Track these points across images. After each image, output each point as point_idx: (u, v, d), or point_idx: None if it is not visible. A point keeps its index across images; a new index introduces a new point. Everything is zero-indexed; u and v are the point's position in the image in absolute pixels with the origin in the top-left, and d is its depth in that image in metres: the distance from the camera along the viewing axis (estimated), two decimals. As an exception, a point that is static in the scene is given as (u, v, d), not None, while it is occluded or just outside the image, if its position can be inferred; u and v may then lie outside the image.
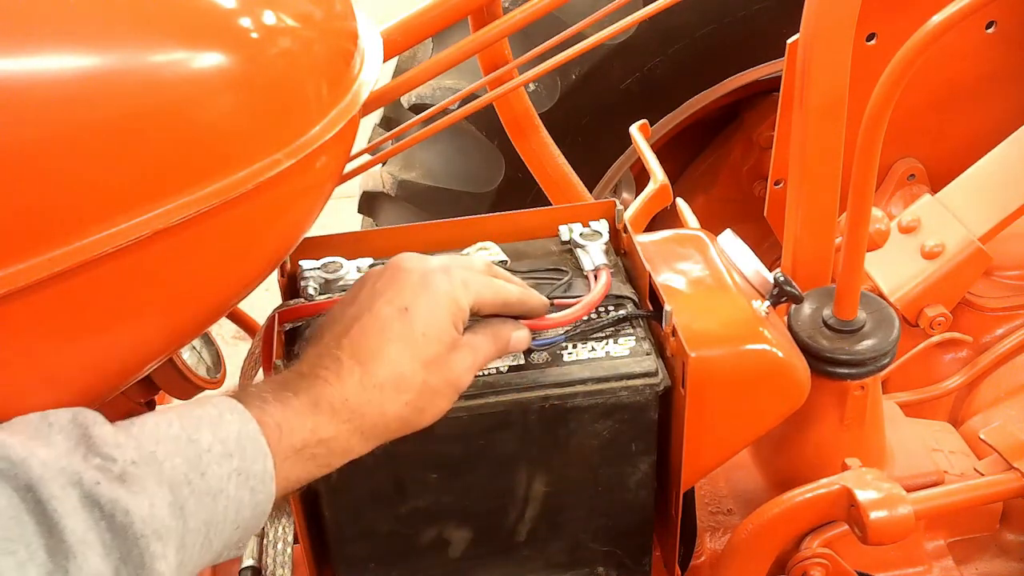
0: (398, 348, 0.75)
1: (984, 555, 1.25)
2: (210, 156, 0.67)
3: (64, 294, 0.62)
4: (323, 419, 0.72)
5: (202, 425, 0.66)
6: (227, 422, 0.67)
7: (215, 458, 0.65)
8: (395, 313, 0.76)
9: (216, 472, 0.64)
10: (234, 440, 0.66)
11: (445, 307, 0.77)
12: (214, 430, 0.66)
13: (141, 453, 0.62)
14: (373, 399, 0.74)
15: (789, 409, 0.99)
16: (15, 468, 0.57)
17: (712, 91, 1.89)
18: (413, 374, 0.75)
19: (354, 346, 0.75)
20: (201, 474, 0.64)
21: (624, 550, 0.98)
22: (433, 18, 1.16)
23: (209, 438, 0.65)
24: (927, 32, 0.87)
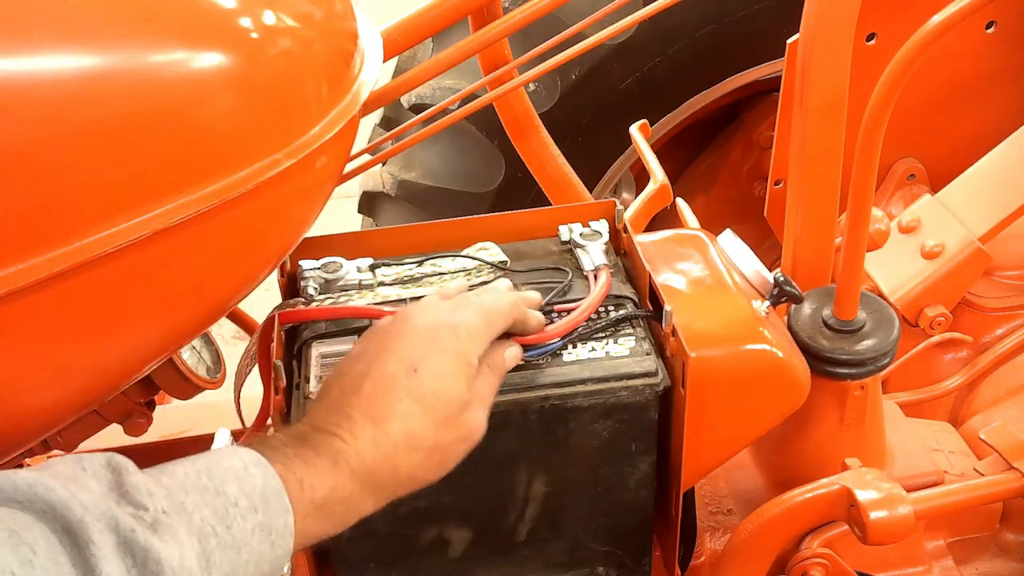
0: (408, 407, 0.75)
1: (984, 555, 1.25)
2: (210, 156, 0.67)
3: (64, 294, 0.62)
4: (342, 477, 0.72)
5: (228, 478, 0.67)
6: (252, 475, 0.67)
7: (241, 512, 0.66)
8: (404, 371, 0.76)
9: (241, 526, 0.65)
10: (259, 494, 0.67)
11: (454, 365, 0.78)
12: (240, 483, 0.67)
13: (172, 503, 0.63)
14: (386, 458, 0.74)
15: (789, 409, 0.99)
16: (56, 510, 0.58)
17: (712, 91, 1.89)
18: (424, 433, 0.76)
19: (365, 404, 0.75)
20: (227, 527, 0.65)
21: (624, 550, 0.98)
22: (433, 18, 1.16)
23: (235, 491, 0.66)
24: (927, 32, 0.87)
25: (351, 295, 0.94)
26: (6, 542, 0.55)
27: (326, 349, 0.90)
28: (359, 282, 0.96)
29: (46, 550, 0.56)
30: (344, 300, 0.93)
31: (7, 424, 0.68)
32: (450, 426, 0.77)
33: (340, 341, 0.90)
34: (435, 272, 0.97)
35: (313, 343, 0.90)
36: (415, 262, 0.99)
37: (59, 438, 1.15)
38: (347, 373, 0.78)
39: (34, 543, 0.56)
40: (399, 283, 0.96)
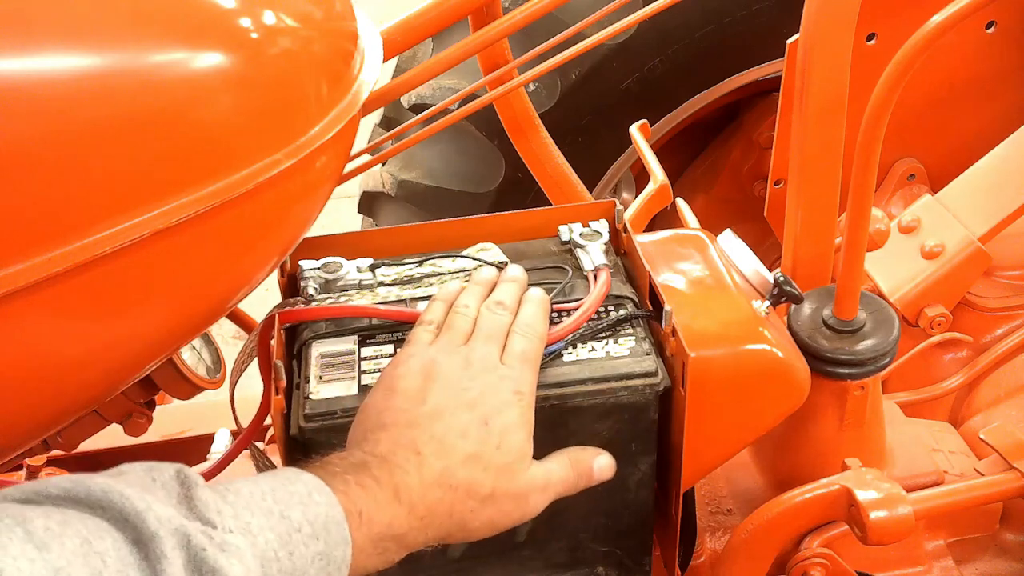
0: (475, 454, 0.76)
1: (984, 555, 1.25)
2: (210, 156, 0.67)
3: (64, 294, 0.62)
4: (401, 513, 0.72)
5: (293, 503, 0.66)
6: (315, 503, 0.67)
7: (303, 539, 0.65)
8: (476, 422, 0.77)
9: (303, 553, 0.65)
10: (322, 523, 0.66)
11: (521, 427, 0.79)
12: (304, 510, 0.66)
13: (238, 523, 0.63)
14: (445, 498, 0.75)
15: (789, 409, 0.99)
16: (130, 521, 0.57)
17: (712, 91, 1.89)
18: (484, 481, 0.76)
19: (435, 441, 0.75)
20: (290, 553, 0.64)
21: (624, 550, 0.98)
22: (433, 18, 1.16)
23: (299, 517, 0.66)
24: (927, 32, 0.87)
25: (351, 295, 0.94)
26: (78, 551, 0.54)
27: (326, 349, 0.90)
28: (359, 282, 0.96)
29: (116, 562, 0.55)
30: (344, 300, 0.93)
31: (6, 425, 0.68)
32: (510, 481, 0.77)
33: (340, 341, 0.90)
34: (435, 272, 0.97)
35: (313, 343, 0.90)
36: (415, 262, 0.99)
37: (59, 438, 1.16)
38: (407, 396, 0.78)
39: (105, 553, 0.55)
40: (399, 283, 0.96)
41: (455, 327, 0.83)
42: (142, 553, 0.57)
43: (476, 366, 0.80)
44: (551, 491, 0.81)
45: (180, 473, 0.64)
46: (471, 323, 0.84)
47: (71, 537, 0.55)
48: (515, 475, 0.78)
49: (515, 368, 0.81)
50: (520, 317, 0.85)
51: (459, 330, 0.83)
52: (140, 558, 0.57)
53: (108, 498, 0.58)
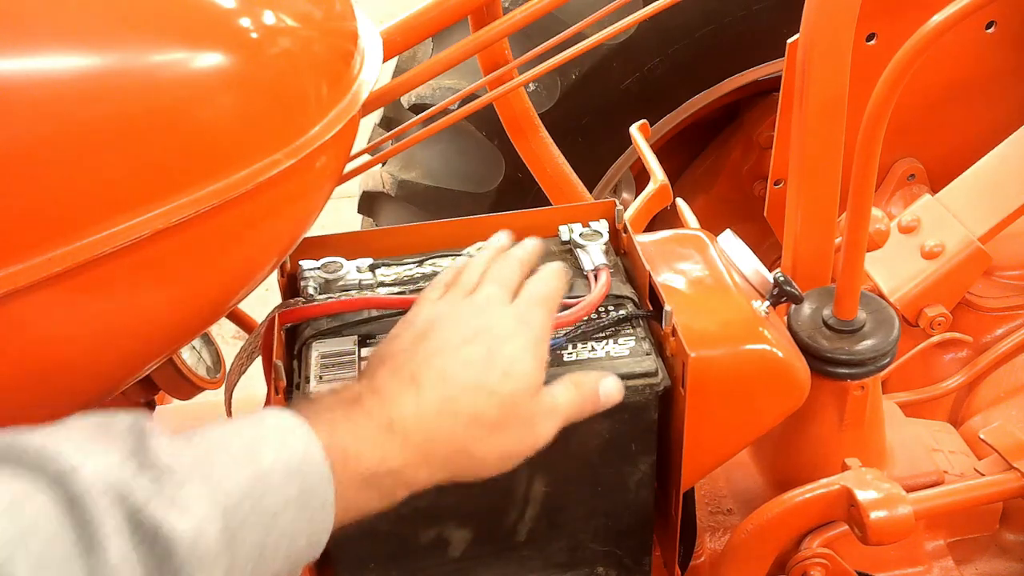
0: (479, 378, 0.72)
1: (984, 555, 1.25)
2: (210, 156, 0.67)
3: (63, 294, 0.62)
4: (395, 446, 0.68)
5: (266, 444, 0.62)
6: (291, 443, 0.63)
7: (275, 482, 0.61)
8: (480, 352, 0.74)
9: (274, 498, 0.61)
10: (297, 464, 0.62)
11: (528, 353, 0.75)
12: (277, 451, 0.62)
13: (198, 471, 0.58)
14: (446, 427, 0.71)
15: (789, 409, 0.99)
16: (62, 480, 0.53)
17: (712, 91, 1.89)
18: (489, 407, 0.72)
19: (433, 371, 0.72)
20: (258, 499, 0.60)
21: (624, 550, 0.98)
22: (433, 18, 1.16)
23: (271, 459, 0.61)
24: (927, 32, 0.87)
25: (351, 295, 0.94)
26: (5, 512, 0.51)
27: (326, 349, 0.90)
28: (359, 282, 0.96)
29: (48, 523, 0.52)
30: (344, 300, 0.93)
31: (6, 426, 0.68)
32: (517, 408, 0.73)
33: (340, 341, 0.90)
34: (435, 272, 0.97)
35: (313, 343, 0.90)
36: (415, 262, 0.99)
37: (59, 438, 1.15)
38: (418, 341, 0.75)
39: (35, 517, 0.52)
40: (399, 283, 0.96)
41: (463, 281, 0.81)
42: (76, 514, 0.53)
43: (481, 304, 0.77)
44: (559, 415, 0.77)
45: (136, 423, 0.59)
46: (479, 275, 0.81)
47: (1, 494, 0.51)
48: (523, 401, 0.74)
49: (524, 306, 0.78)
50: (535, 274, 0.82)
51: (467, 282, 0.80)
52: (76, 517, 0.53)
53: (41, 455, 0.54)
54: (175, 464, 0.58)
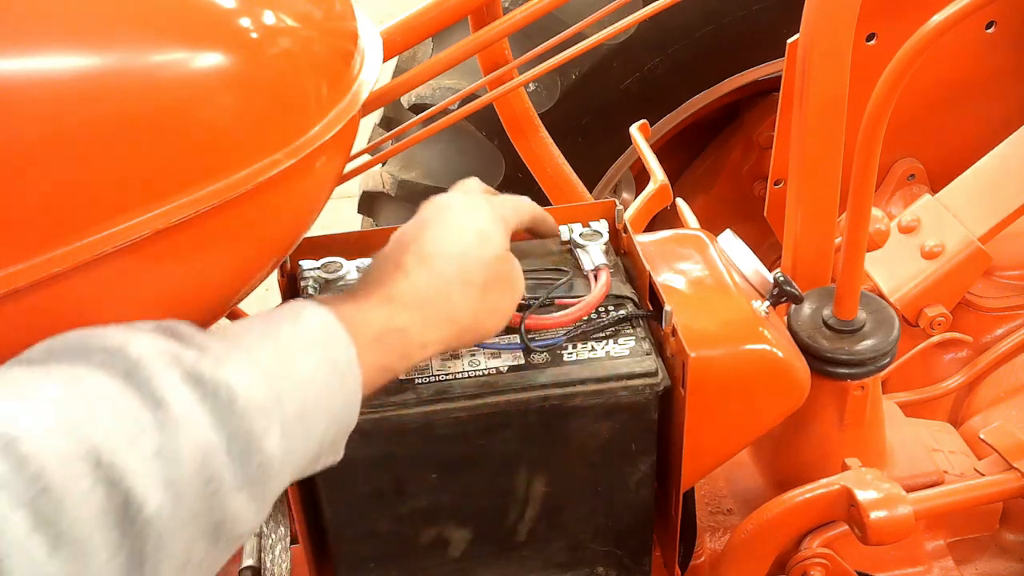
0: (460, 248, 0.79)
1: (984, 555, 1.25)
2: (210, 156, 0.67)
3: (63, 294, 0.62)
4: (396, 309, 0.73)
5: (282, 323, 0.66)
6: (305, 318, 0.67)
7: (301, 349, 0.65)
8: (457, 229, 0.80)
9: (303, 362, 0.65)
10: (315, 330, 0.67)
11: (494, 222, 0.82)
12: (293, 325, 0.66)
13: (232, 344, 0.63)
14: (442, 291, 0.77)
15: (789, 409, 0.99)
16: (113, 357, 0.57)
17: (712, 91, 1.89)
18: (475, 269, 0.79)
19: (421, 252, 0.78)
20: (291, 364, 0.64)
21: (624, 550, 0.98)
22: (433, 18, 1.16)
23: (289, 331, 0.66)
24: (927, 32, 0.87)
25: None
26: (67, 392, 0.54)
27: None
28: (359, 282, 0.96)
29: (111, 393, 0.55)
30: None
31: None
32: (499, 268, 0.81)
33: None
34: (435, 272, 0.97)
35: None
36: (415, 262, 0.99)
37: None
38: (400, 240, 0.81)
39: (97, 390, 0.54)
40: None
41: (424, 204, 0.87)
42: (135, 381, 0.56)
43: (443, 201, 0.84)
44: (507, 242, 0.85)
45: (160, 323, 0.63)
46: None
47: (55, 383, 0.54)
48: (502, 263, 0.82)
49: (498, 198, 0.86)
50: None
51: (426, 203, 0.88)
52: (135, 385, 0.56)
53: (86, 343, 0.57)
54: (209, 342, 0.62)
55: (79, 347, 0.58)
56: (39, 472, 0.50)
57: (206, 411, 0.57)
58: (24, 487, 0.49)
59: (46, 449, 0.50)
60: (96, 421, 0.53)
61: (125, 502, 0.52)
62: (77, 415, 0.53)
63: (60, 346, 0.58)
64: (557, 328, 0.90)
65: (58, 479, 0.50)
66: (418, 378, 0.86)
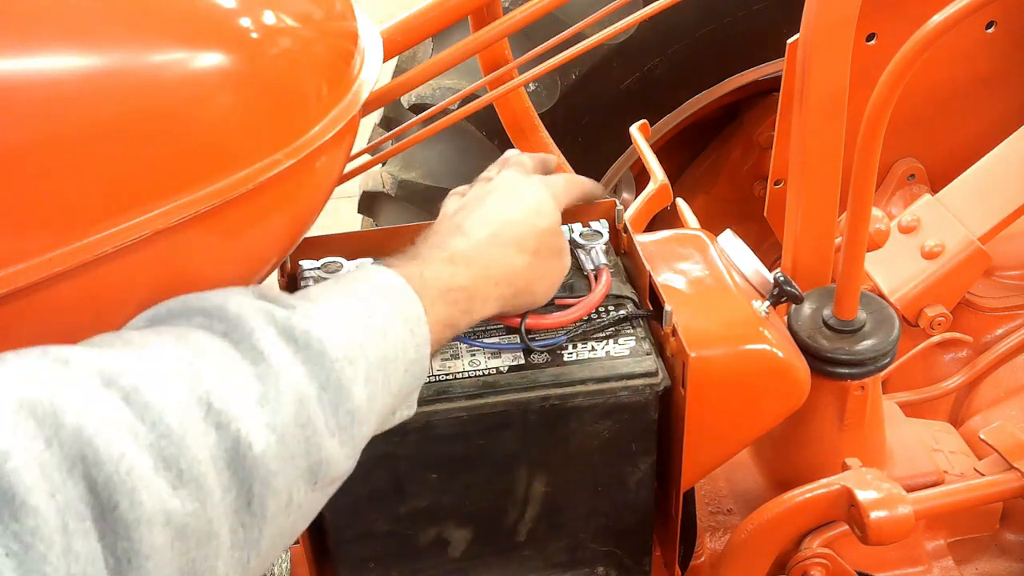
0: (514, 216, 0.84)
1: (984, 555, 1.25)
2: (210, 156, 0.67)
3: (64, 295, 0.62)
4: (459, 269, 0.78)
5: (355, 282, 0.71)
6: (373, 277, 0.72)
7: (377, 302, 0.70)
8: (510, 198, 0.86)
9: (380, 312, 0.69)
10: (385, 287, 0.71)
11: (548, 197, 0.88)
12: (367, 284, 0.71)
13: (313, 303, 0.67)
14: (498, 254, 0.82)
15: (789, 409, 0.99)
16: (213, 314, 0.62)
17: (712, 91, 1.89)
18: (529, 238, 0.84)
19: (477, 220, 0.83)
20: (368, 315, 0.68)
21: (624, 550, 0.98)
22: (433, 18, 1.16)
23: (365, 288, 0.70)
24: (927, 32, 0.87)
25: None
26: (174, 344, 0.59)
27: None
28: (359, 282, 0.96)
29: (211, 348, 0.60)
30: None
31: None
32: (550, 239, 0.86)
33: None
34: (435, 272, 0.97)
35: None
36: (415, 262, 0.99)
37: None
38: (448, 214, 0.87)
39: (199, 343, 0.60)
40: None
41: (482, 176, 0.94)
42: (236, 336, 0.61)
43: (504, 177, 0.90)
44: None
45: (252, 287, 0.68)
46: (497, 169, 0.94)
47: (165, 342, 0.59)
48: (553, 235, 0.87)
49: (541, 172, 0.94)
50: None
51: (486, 175, 0.93)
52: (235, 341, 0.61)
53: (185, 305, 0.63)
54: (296, 302, 0.67)
55: (181, 311, 0.64)
56: (159, 418, 0.54)
57: (300, 363, 0.62)
58: (147, 432, 0.54)
59: (164, 397, 0.55)
60: (204, 373, 0.58)
61: (235, 444, 0.57)
62: (188, 368, 0.58)
63: (164, 312, 0.64)
64: (557, 328, 0.90)
65: (176, 424, 0.55)
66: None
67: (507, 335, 0.90)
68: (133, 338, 0.60)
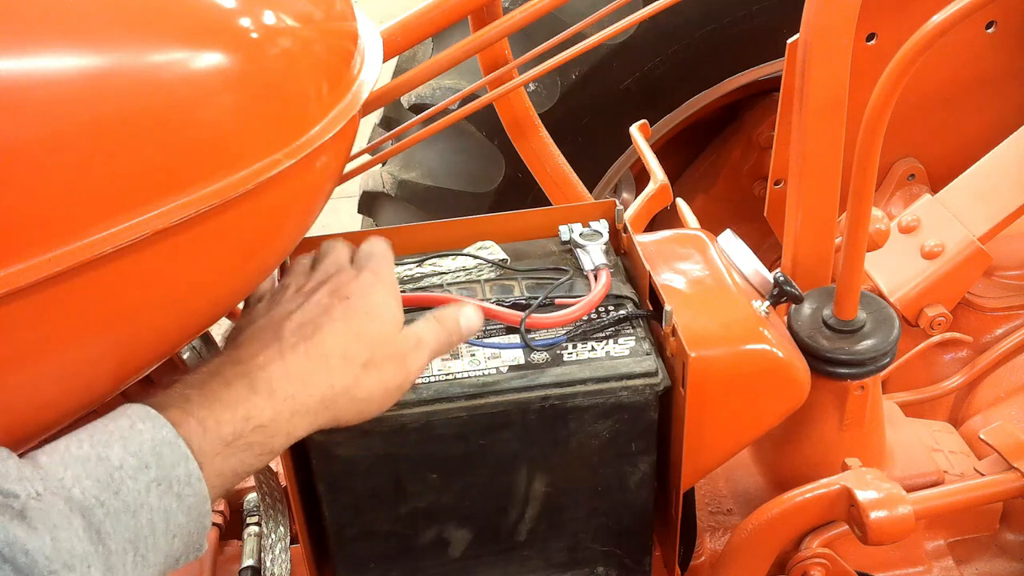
0: (344, 324, 0.75)
1: (984, 555, 1.25)
2: (210, 156, 0.67)
3: (64, 295, 0.62)
4: (260, 401, 0.70)
5: (112, 440, 0.64)
6: (138, 432, 0.64)
7: (128, 473, 0.63)
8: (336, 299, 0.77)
9: (131, 487, 0.63)
10: (148, 450, 0.64)
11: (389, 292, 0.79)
12: (125, 444, 0.64)
13: (47, 484, 0.60)
14: (317, 370, 0.73)
15: (789, 409, 0.99)
16: None
17: (712, 91, 1.89)
18: (359, 349, 0.75)
19: (296, 325, 0.75)
20: (115, 493, 0.62)
21: (624, 550, 0.98)
22: (433, 18, 1.16)
23: (120, 453, 0.63)
24: (927, 32, 0.87)
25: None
26: None
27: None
28: (359, 282, 0.96)
29: None
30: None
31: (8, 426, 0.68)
32: (384, 343, 0.77)
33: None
34: (435, 272, 0.97)
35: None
36: (415, 262, 0.99)
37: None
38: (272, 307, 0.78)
39: None
40: (399, 283, 0.96)
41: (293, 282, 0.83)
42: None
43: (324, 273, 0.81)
44: (425, 348, 0.80)
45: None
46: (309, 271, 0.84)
47: None
48: (390, 339, 0.78)
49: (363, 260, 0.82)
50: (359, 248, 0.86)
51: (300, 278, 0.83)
52: None
53: None
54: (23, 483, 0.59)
55: None
56: None
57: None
58: None
59: None
60: None
61: None
62: None
63: None
64: (557, 328, 0.90)
65: None
66: (418, 378, 0.86)
67: (507, 335, 0.90)
68: None
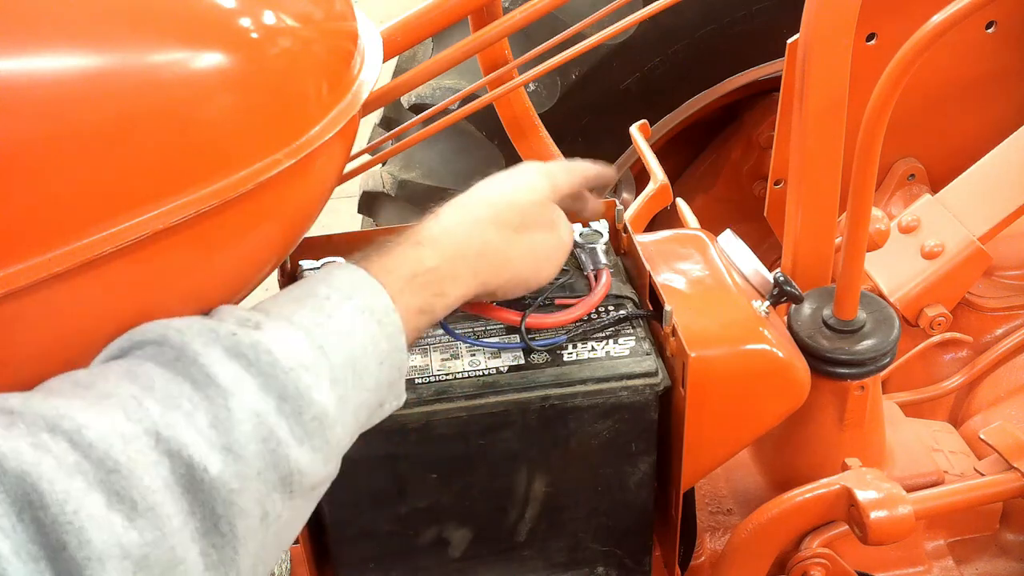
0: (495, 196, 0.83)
1: (984, 555, 1.25)
2: (210, 156, 0.67)
3: (64, 295, 0.62)
4: (425, 251, 0.77)
5: (315, 283, 0.70)
6: (336, 275, 0.71)
7: (335, 303, 0.69)
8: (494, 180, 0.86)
9: (341, 313, 0.68)
10: (348, 284, 0.70)
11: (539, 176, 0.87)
12: (327, 283, 0.70)
13: (268, 314, 0.67)
14: (472, 231, 0.80)
15: (789, 409, 0.99)
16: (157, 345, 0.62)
17: (712, 91, 1.89)
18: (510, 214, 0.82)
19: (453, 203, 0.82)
20: (328, 316, 0.67)
21: (624, 550, 0.98)
22: (433, 18, 1.16)
23: (325, 289, 0.69)
24: (927, 32, 0.87)
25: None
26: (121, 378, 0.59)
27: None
28: (359, 282, 0.96)
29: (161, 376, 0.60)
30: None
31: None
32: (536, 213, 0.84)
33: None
34: (435, 272, 0.97)
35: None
36: (415, 262, 0.98)
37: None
38: None
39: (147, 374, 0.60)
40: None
41: None
42: (182, 365, 0.61)
43: None
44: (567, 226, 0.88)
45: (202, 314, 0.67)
46: None
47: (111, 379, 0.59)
48: (540, 208, 0.85)
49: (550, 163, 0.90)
50: None
51: None
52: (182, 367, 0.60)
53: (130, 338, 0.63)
54: (248, 314, 0.66)
55: (130, 345, 0.63)
56: (106, 454, 0.55)
57: (251, 377, 0.61)
58: (95, 469, 0.54)
59: (109, 434, 0.56)
60: (151, 404, 0.58)
61: (189, 469, 0.57)
62: (133, 401, 0.58)
63: (115, 348, 0.64)
64: (557, 328, 0.90)
65: (124, 458, 0.55)
66: (418, 378, 0.86)
67: (507, 335, 0.90)
68: (80, 379, 0.60)
